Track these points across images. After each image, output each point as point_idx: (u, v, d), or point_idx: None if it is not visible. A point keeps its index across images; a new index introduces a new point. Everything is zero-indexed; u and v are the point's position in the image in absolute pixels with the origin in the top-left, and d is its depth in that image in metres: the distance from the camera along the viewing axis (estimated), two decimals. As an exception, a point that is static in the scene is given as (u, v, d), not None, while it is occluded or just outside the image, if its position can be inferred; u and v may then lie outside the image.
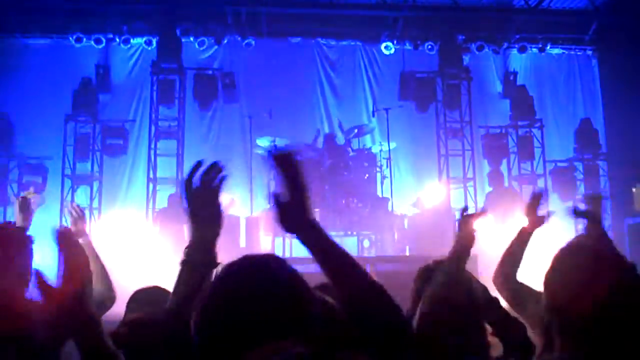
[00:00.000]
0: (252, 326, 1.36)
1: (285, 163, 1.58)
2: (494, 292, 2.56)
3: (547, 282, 1.76)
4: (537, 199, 2.75)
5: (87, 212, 9.99)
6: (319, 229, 1.57)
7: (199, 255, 1.70)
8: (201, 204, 1.72)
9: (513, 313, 2.50)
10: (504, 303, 2.54)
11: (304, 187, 1.58)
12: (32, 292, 2.38)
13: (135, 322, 2.33)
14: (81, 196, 10.40)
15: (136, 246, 8.63)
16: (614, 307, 1.58)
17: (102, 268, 2.84)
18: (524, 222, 2.75)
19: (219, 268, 1.61)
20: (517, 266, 2.68)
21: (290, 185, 1.56)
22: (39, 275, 1.91)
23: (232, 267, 1.48)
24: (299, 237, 1.56)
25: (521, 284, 2.63)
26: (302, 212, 1.56)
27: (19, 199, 3.03)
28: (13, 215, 2.95)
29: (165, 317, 1.71)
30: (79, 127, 10.43)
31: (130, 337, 2.18)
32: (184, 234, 8.16)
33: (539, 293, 2.39)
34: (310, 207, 1.57)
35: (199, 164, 1.75)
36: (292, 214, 1.56)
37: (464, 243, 2.37)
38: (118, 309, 2.82)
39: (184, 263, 1.71)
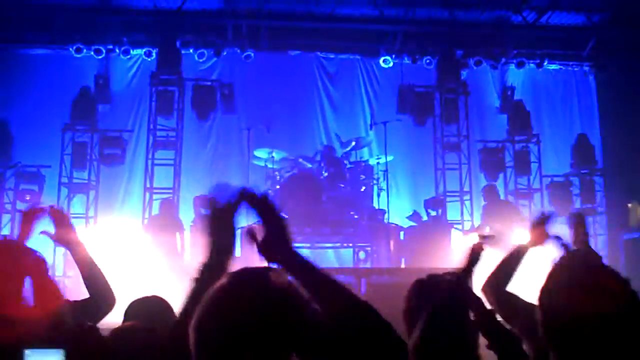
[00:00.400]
0: (249, 338, 1.37)
1: (256, 202, 1.64)
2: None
3: (542, 297, 1.78)
4: (544, 219, 2.77)
5: (83, 221, 10.08)
6: (299, 256, 1.62)
7: (211, 275, 1.72)
8: (220, 225, 1.76)
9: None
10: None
11: (279, 220, 1.63)
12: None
13: (126, 330, 2.34)
14: (77, 205, 10.40)
15: (131, 254, 8.60)
16: (609, 322, 1.60)
17: (98, 273, 2.83)
18: (524, 237, 2.77)
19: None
20: (509, 279, 2.69)
21: (266, 220, 1.62)
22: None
23: (229, 279, 1.48)
24: (281, 266, 1.60)
25: (510, 294, 2.63)
26: (282, 243, 1.61)
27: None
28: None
29: (167, 329, 1.72)
30: (76, 136, 10.44)
31: (120, 344, 2.18)
32: (176, 241, 8.16)
33: (529, 304, 2.41)
34: (289, 236, 1.62)
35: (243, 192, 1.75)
36: (272, 246, 1.61)
37: (469, 266, 2.41)
38: (115, 318, 2.82)
39: (197, 280, 1.73)
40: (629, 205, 9.82)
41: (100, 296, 2.75)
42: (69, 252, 2.80)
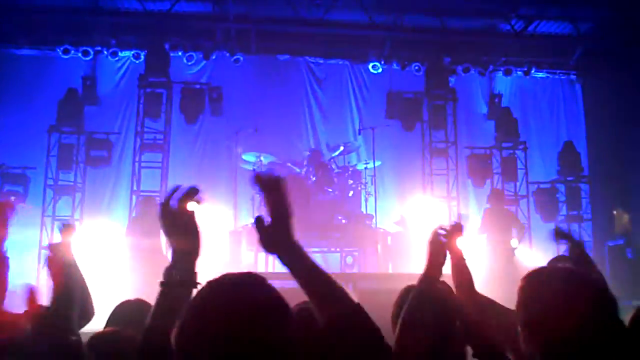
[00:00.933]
0: (231, 346, 1.34)
1: (269, 187, 1.62)
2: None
3: (524, 303, 1.79)
4: (457, 229, 2.54)
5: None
6: (300, 251, 1.60)
7: (178, 276, 1.69)
8: (178, 227, 1.74)
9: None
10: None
11: (287, 209, 1.61)
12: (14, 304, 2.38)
13: (107, 335, 2.32)
14: (63, 207, 10.31)
15: (115, 259, 8.52)
16: (587, 327, 1.61)
17: (84, 287, 2.80)
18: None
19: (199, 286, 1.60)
20: (467, 279, 2.60)
21: (273, 207, 1.60)
22: (32, 292, 1.93)
23: (211, 285, 1.45)
24: (279, 258, 1.59)
25: (484, 297, 2.59)
26: (284, 234, 1.59)
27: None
28: None
29: (139, 335, 1.70)
30: (63, 138, 10.36)
31: (100, 349, 2.16)
32: (160, 242, 8.07)
33: (504, 309, 2.41)
34: (292, 229, 1.60)
35: (176, 188, 1.81)
36: (274, 236, 1.59)
37: (434, 262, 2.29)
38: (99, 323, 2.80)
39: (163, 284, 1.70)
40: (615, 212, 9.92)
41: (80, 306, 2.72)
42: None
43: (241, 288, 1.43)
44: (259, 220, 1.60)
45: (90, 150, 10.39)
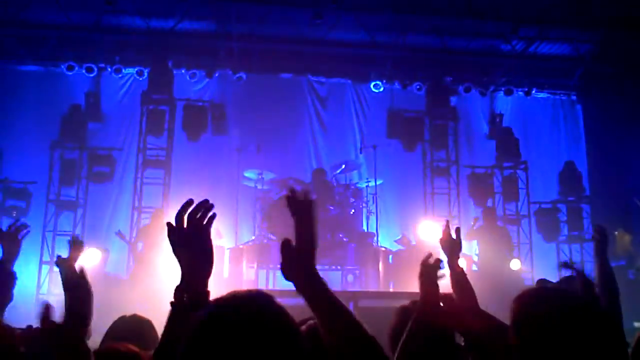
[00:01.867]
0: None
1: (303, 209, 1.59)
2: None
3: (515, 325, 1.82)
4: (456, 246, 2.71)
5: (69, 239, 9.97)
6: (319, 282, 1.58)
7: (189, 295, 1.64)
8: (190, 243, 1.68)
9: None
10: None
11: (314, 238, 1.59)
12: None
13: (113, 350, 2.31)
14: (64, 222, 10.32)
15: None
16: (581, 349, 1.63)
17: (87, 299, 2.80)
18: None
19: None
20: (474, 297, 2.66)
21: (301, 233, 1.59)
22: (47, 308, 1.91)
23: (218, 303, 1.40)
24: (296, 286, 1.57)
25: (485, 313, 2.61)
26: (307, 264, 1.57)
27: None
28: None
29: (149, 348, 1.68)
30: (65, 153, 10.40)
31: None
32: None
33: (501, 324, 2.43)
34: (314, 258, 1.58)
35: (188, 202, 1.74)
36: (297, 264, 1.58)
37: (429, 291, 2.35)
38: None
39: (174, 305, 1.64)
40: (616, 233, 9.89)
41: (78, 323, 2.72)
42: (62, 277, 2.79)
43: (249, 305, 1.37)
44: (285, 245, 1.58)
45: (93, 166, 10.43)
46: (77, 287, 2.69)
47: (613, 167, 11.12)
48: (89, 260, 8.63)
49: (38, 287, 9.58)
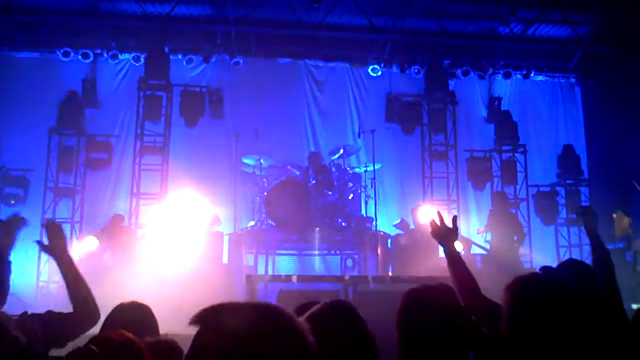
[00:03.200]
0: None
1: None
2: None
3: (506, 308, 1.84)
4: (452, 232, 2.87)
5: (68, 226, 9.99)
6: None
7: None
8: None
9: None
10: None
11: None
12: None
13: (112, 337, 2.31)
14: (63, 209, 10.31)
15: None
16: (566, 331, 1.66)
17: (84, 287, 2.80)
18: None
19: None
20: (475, 283, 2.69)
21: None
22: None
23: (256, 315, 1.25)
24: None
25: (487, 299, 2.64)
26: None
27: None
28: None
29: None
30: (63, 140, 10.37)
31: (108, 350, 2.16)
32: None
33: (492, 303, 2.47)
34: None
35: None
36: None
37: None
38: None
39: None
40: (614, 215, 9.91)
41: (84, 310, 2.73)
42: (57, 264, 2.80)
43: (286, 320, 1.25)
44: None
45: (91, 153, 10.41)
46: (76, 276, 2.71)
47: (612, 150, 11.11)
48: (87, 247, 8.65)
49: (38, 274, 9.60)
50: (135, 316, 2.72)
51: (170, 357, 2.21)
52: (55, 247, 2.77)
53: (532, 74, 11.72)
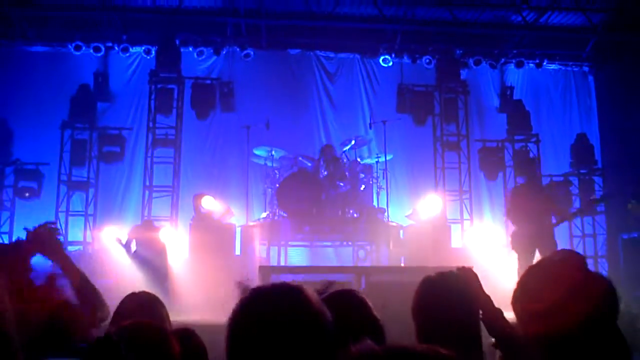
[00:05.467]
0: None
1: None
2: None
3: (519, 296, 1.82)
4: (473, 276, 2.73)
5: (82, 219, 10.07)
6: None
7: None
8: None
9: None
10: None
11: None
12: None
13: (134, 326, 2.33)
14: (76, 202, 10.40)
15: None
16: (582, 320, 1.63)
17: (90, 286, 2.82)
18: None
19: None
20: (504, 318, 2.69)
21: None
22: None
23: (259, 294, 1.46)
24: None
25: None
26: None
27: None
28: None
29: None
30: (75, 134, 10.44)
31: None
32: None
33: None
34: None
35: None
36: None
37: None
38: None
39: None
40: (629, 205, 9.82)
41: (93, 307, 2.75)
42: (60, 267, 2.82)
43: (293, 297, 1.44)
44: None
45: (103, 146, 10.46)
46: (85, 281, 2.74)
47: (625, 139, 10.99)
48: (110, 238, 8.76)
49: (52, 267, 9.68)
50: (146, 306, 2.73)
51: (193, 344, 2.23)
52: (52, 251, 2.78)
53: (544, 63, 11.61)
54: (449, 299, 2.25)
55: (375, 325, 2.02)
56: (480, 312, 2.37)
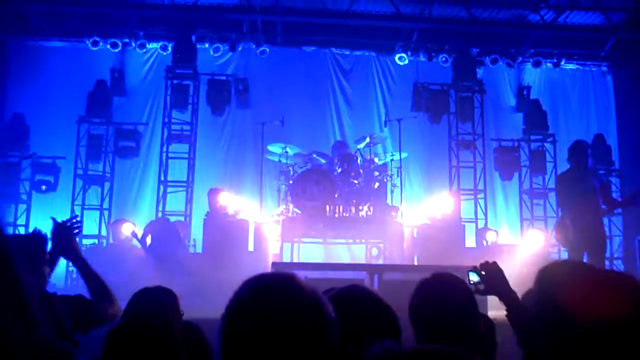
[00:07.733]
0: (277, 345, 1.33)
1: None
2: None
3: (537, 296, 1.79)
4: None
5: (97, 213, 10.16)
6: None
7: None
8: None
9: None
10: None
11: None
12: None
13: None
14: (92, 196, 10.49)
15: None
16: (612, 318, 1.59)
17: (103, 285, 2.86)
18: None
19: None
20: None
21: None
22: None
23: (259, 282, 1.47)
24: None
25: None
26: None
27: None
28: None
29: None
30: (92, 129, 10.53)
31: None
32: None
33: None
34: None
35: None
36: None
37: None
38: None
39: None
40: (645, 206, 9.69)
41: (105, 304, 2.79)
42: (74, 265, 2.89)
43: (290, 286, 1.43)
44: None
45: (119, 141, 10.55)
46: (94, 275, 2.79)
47: (643, 140, 10.87)
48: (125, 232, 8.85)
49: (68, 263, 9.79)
50: (159, 300, 2.74)
51: (198, 339, 2.23)
52: (67, 248, 2.82)
53: (562, 63, 11.49)
54: (444, 300, 2.25)
55: (390, 324, 2.00)
56: (506, 310, 2.39)
